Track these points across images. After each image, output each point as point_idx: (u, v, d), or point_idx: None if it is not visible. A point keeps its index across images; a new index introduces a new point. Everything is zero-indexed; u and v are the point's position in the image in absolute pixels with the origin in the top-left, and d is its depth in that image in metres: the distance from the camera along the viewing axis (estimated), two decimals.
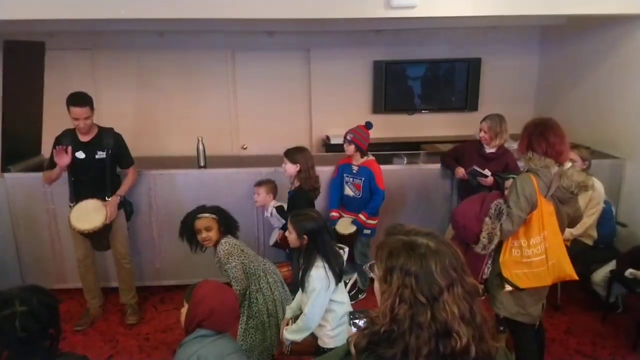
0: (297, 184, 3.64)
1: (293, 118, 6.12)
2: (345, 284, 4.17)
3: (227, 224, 2.92)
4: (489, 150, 3.87)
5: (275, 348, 2.92)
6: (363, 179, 3.88)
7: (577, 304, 4.04)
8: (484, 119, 3.88)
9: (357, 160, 3.91)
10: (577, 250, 3.59)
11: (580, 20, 4.90)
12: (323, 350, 2.52)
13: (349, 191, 3.97)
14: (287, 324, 2.65)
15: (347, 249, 2.68)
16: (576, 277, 2.69)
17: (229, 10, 3.74)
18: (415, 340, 1.08)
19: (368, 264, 1.27)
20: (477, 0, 3.89)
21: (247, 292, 2.87)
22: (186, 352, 2.04)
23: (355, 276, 4.20)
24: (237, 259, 2.82)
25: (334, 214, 3.98)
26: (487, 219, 2.59)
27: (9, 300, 1.61)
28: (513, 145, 4.18)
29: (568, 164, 2.74)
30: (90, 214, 3.52)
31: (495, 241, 2.59)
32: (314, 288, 2.40)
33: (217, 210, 2.92)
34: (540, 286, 2.67)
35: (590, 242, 3.88)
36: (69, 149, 3.52)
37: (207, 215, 2.89)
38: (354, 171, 3.92)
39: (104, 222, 3.50)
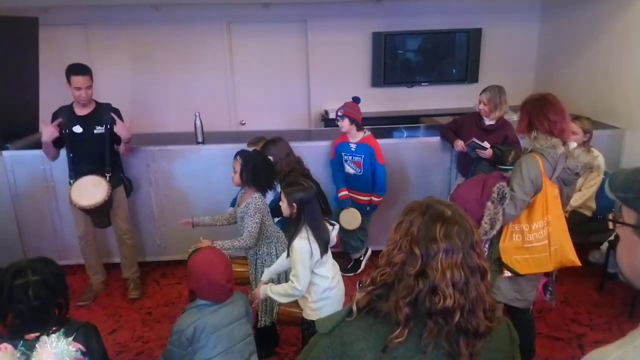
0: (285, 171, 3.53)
1: (291, 92, 6.06)
2: (360, 261, 4.25)
3: (255, 180, 2.90)
4: (488, 122, 3.85)
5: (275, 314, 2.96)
6: (363, 156, 3.84)
7: (575, 274, 4.07)
8: (483, 91, 3.84)
9: (354, 137, 3.86)
10: (575, 222, 3.61)
11: None
12: (306, 322, 2.58)
13: (349, 169, 3.94)
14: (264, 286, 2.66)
15: (337, 226, 2.68)
16: (579, 264, 2.63)
17: None
18: (401, 285, 1.13)
19: None
20: None
21: (258, 254, 2.94)
22: (185, 321, 2.09)
23: (369, 251, 4.25)
24: (260, 218, 2.87)
25: (343, 193, 3.95)
26: (489, 204, 2.49)
27: (22, 270, 1.69)
28: (513, 117, 4.16)
29: (573, 144, 2.62)
30: (90, 190, 3.52)
31: (498, 227, 2.50)
32: (295, 259, 2.43)
33: (254, 166, 2.88)
34: (539, 272, 2.62)
35: (589, 213, 3.89)
36: (59, 122, 3.51)
37: (237, 157, 2.92)
38: (352, 149, 3.88)
39: (105, 197, 3.51)
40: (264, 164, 2.97)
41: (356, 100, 3.87)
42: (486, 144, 3.72)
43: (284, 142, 3.57)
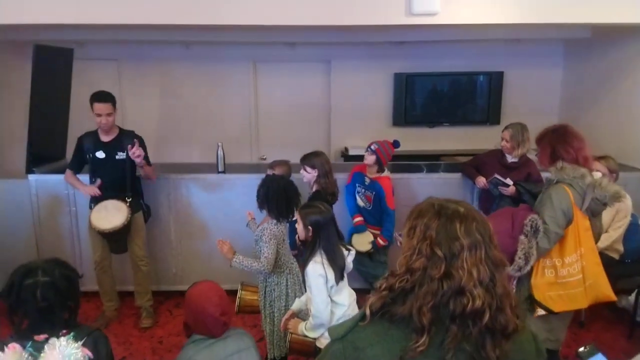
0: (315, 188, 3.60)
1: (312, 129, 6.13)
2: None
3: (267, 204, 2.88)
4: (511, 159, 3.81)
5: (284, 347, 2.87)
6: (374, 192, 3.80)
7: (603, 320, 3.89)
8: (506, 128, 3.84)
9: (372, 173, 3.82)
10: (603, 264, 3.48)
11: (605, 32, 4.84)
12: (320, 351, 2.47)
13: (359, 201, 3.90)
14: (292, 316, 2.61)
15: (353, 251, 2.62)
16: (614, 298, 2.52)
17: (247, 17, 3.78)
18: (423, 290, 1.08)
19: (399, 233, 1.27)
20: (499, 8, 3.86)
21: (267, 281, 2.88)
22: (182, 358, 2.03)
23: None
24: (276, 245, 2.83)
25: (358, 219, 3.88)
26: (522, 237, 2.38)
27: (33, 270, 1.67)
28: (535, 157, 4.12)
29: (598, 174, 2.57)
30: (111, 213, 3.56)
31: (532, 261, 2.39)
32: (310, 285, 2.37)
33: (267, 190, 2.89)
34: (575, 309, 2.51)
35: (616, 256, 3.75)
36: (99, 184, 3.64)
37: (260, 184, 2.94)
38: (366, 182, 3.85)
39: (124, 221, 3.53)
40: (281, 190, 2.89)
41: (396, 144, 3.81)
42: (509, 181, 3.66)
43: (325, 156, 3.60)
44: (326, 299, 2.39)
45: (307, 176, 3.61)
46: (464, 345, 1.08)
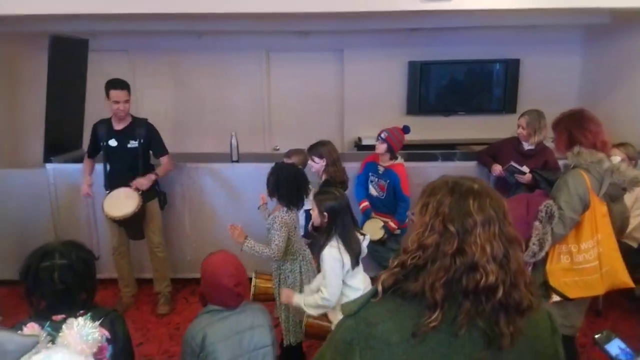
0: (324, 177, 3.58)
1: (325, 119, 6.12)
2: None
3: (277, 192, 2.89)
4: (528, 147, 3.76)
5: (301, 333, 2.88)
6: (388, 181, 3.77)
7: (620, 310, 3.84)
8: (522, 115, 3.78)
9: (385, 162, 3.79)
10: (620, 253, 3.42)
11: (625, 17, 4.73)
12: None
13: (372, 190, 3.87)
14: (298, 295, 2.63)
15: (367, 237, 2.62)
16: (632, 285, 2.48)
17: (259, 4, 3.76)
18: (435, 266, 1.07)
19: (412, 212, 1.27)
20: None
21: (281, 269, 2.90)
22: (194, 328, 2.06)
23: None
24: (287, 233, 2.84)
25: (364, 204, 3.87)
26: (536, 223, 2.37)
27: (50, 252, 1.70)
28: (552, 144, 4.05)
29: (617, 158, 2.52)
30: (122, 201, 3.60)
31: (547, 247, 2.38)
32: (325, 268, 2.38)
33: (277, 178, 2.88)
34: (590, 296, 2.48)
35: (634, 244, 3.68)
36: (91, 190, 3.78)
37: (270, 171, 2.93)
38: (379, 172, 3.82)
39: (135, 209, 3.57)
40: (291, 178, 2.89)
41: (406, 130, 3.78)
42: (525, 169, 3.62)
43: (332, 146, 3.58)
44: (340, 284, 2.40)
45: (315, 166, 3.59)
46: (477, 322, 1.07)
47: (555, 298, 2.45)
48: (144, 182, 3.65)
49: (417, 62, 5.80)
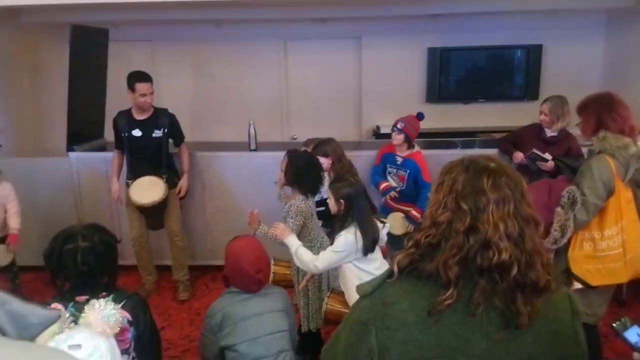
0: (333, 175, 3.51)
1: (343, 107, 6.09)
2: None
3: (298, 180, 2.88)
4: (550, 133, 3.69)
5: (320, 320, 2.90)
6: (408, 171, 3.73)
7: None
8: (545, 101, 3.71)
9: (402, 152, 3.75)
10: None
11: None
12: None
13: (392, 182, 3.82)
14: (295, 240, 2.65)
15: (387, 225, 2.61)
16: None
17: None
18: (449, 243, 1.07)
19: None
20: None
21: None
22: (215, 307, 2.11)
23: None
24: (302, 220, 2.84)
25: (384, 184, 3.80)
26: (558, 209, 2.32)
27: (73, 235, 1.74)
28: (577, 132, 3.96)
29: None
30: (149, 189, 3.67)
31: (569, 234, 2.33)
32: (335, 245, 2.41)
33: (296, 166, 2.87)
34: (614, 284, 2.43)
35: None
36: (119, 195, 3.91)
37: (286, 156, 2.93)
38: (397, 162, 3.78)
39: (163, 196, 3.64)
40: (310, 165, 2.91)
41: (420, 117, 3.74)
42: (547, 156, 3.55)
43: (336, 142, 3.56)
44: (332, 265, 2.46)
45: (322, 166, 3.57)
46: (494, 302, 1.06)
47: (577, 285, 2.41)
48: (185, 184, 3.93)
49: (436, 48, 5.70)
